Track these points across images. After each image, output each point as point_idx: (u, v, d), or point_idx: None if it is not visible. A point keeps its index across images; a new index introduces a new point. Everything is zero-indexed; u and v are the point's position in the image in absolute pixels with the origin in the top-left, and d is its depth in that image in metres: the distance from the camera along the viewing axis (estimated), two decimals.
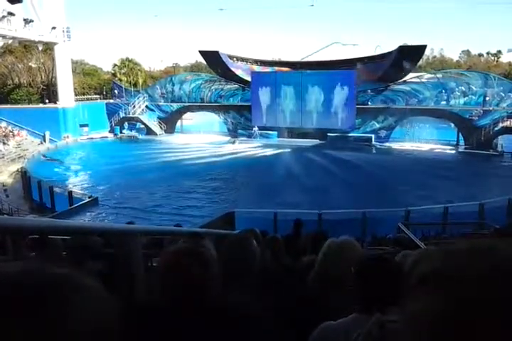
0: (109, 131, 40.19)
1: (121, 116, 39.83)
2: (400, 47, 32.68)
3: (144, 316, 1.35)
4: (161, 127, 40.25)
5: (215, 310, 1.36)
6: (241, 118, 38.05)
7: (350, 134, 34.18)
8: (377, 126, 34.32)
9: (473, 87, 31.86)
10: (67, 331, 0.53)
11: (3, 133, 32.63)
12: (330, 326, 1.65)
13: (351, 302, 1.69)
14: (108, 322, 0.58)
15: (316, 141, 33.81)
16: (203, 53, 37.42)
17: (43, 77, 46.82)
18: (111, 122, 40.34)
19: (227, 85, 38.16)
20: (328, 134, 33.90)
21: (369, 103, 34.47)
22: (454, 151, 31.72)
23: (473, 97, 32.00)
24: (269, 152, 32.30)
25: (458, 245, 0.49)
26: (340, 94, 34.16)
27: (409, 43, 33.87)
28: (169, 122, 40.30)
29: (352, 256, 1.96)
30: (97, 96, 45.22)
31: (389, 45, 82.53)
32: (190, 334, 1.30)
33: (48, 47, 40.66)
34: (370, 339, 1.33)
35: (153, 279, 1.51)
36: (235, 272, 1.86)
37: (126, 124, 39.84)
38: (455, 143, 33.36)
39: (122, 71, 54.94)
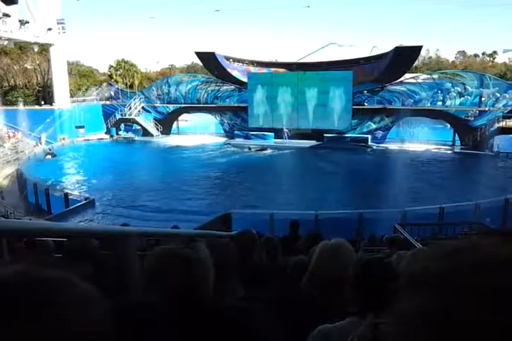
0: (106, 133, 40.09)
1: (118, 118, 39.74)
2: (396, 48, 32.77)
3: (136, 317, 1.35)
4: (157, 128, 40.19)
5: (202, 311, 1.36)
6: (237, 120, 38.04)
7: (346, 135, 34.20)
8: (374, 126, 34.38)
9: (469, 88, 31.94)
10: (61, 333, 0.53)
11: None
12: (327, 329, 1.66)
13: (345, 304, 1.69)
14: (101, 324, 0.59)
15: (313, 142, 33.82)
16: (199, 54, 37.41)
17: (39, 78, 46.79)
18: (107, 124, 40.23)
19: (224, 86, 38.14)
20: (325, 135, 33.92)
21: (365, 104, 34.51)
22: (450, 151, 31.79)
23: (469, 98, 32.08)
24: (267, 153, 32.40)
25: (446, 245, 0.49)
26: (336, 95, 34.18)
27: (405, 44, 33.95)
28: (165, 123, 40.24)
29: (343, 259, 1.96)
30: (93, 97, 45.14)
31: (385, 46, 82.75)
32: (175, 335, 1.30)
33: (44, 49, 40.60)
34: None
35: (143, 281, 1.51)
36: (222, 273, 1.85)
37: (122, 126, 39.74)
38: (451, 143, 33.46)
39: (118, 72, 54.96)
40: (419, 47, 32.64)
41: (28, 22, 34.36)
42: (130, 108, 39.69)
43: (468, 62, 66.95)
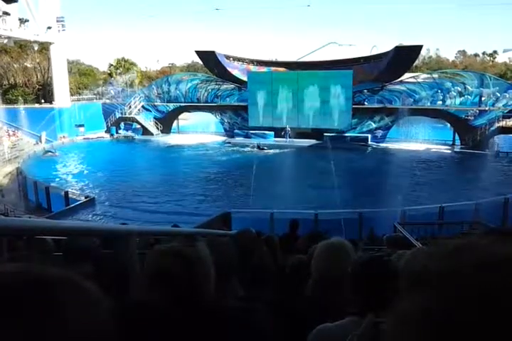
0: (105, 131, 40.07)
1: (118, 117, 39.73)
2: (396, 47, 32.76)
3: (138, 317, 1.35)
4: (157, 127, 40.18)
5: (205, 310, 1.36)
6: (237, 118, 38.03)
7: (346, 134, 34.22)
8: (374, 126, 34.37)
9: (469, 87, 31.93)
10: (64, 332, 0.53)
11: None
12: (328, 328, 1.66)
13: (346, 303, 1.69)
14: (104, 323, 0.58)
15: (313, 141, 33.80)
16: (199, 53, 37.39)
17: (39, 77, 46.74)
18: (107, 122, 40.22)
19: (224, 85, 38.14)
20: (325, 134, 33.90)
21: (365, 103, 34.51)
22: (450, 151, 31.79)
23: (469, 97, 32.08)
24: (269, 152, 32.33)
25: (446, 244, 0.49)
26: (336, 94, 34.18)
27: (405, 43, 33.93)
28: (165, 122, 40.23)
29: (345, 257, 1.96)
30: (93, 96, 45.12)
31: (385, 46, 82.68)
32: (177, 335, 1.30)
33: (44, 47, 40.55)
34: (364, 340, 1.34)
35: (144, 280, 1.52)
36: (222, 272, 1.86)
37: (122, 124, 39.74)
38: (451, 142, 33.47)
39: (118, 71, 54.90)
40: (420, 47, 32.62)
41: (27, 20, 34.32)
42: (130, 107, 39.68)
43: (469, 62, 66.92)
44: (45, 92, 44.23)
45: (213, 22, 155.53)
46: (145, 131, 39.42)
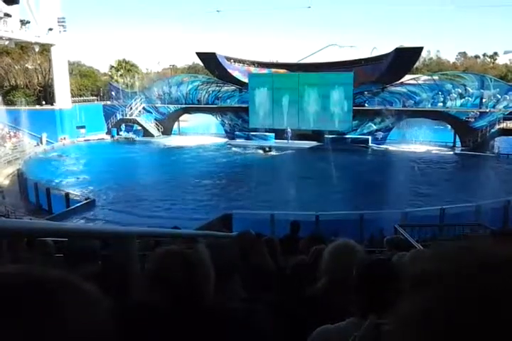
0: (106, 133, 40.10)
1: (118, 118, 39.75)
2: (397, 49, 32.78)
3: (138, 318, 1.35)
4: (158, 129, 40.19)
5: (205, 311, 1.36)
6: (238, 120, 38.04)
7: (347, 136, 34.20)
8: (374, 127, 34.36)
9: (470, 89, 31.93)
10: (63, 333, 0.53)
11: (0, 135, 32.56)
12: (328, 329, 1.65)
13: (350, 304, 1.69)
14: (103, 324, 0.59)
15: (314, 143, 33.80)
16: (200, 55, 37.41)
17: (40, 78, 46.73)
18: (108, 124, 40.24)
19: (225, 87, 38.15)
20: (325, 136, 33.88)
21: (366, 104, 34.51)
22: (450, 153, 31.79)
23: (470, 99, 32.06)
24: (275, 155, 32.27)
25: (447, 246, 0.50)
26: (337, 96, 34.19)
27: (406, 45, 33.95)
28: (166, 124, 40.24)
29: (353, 259, 1.96)
30: (94, 97, 45.13)
31: (386, 47, 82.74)
32: (177, 335, 1.30)
33: (45, 49, 40.62)
34: None
35: (145, 281, 1.52)
36: (223, 274, 1.85)
37: (123, 126, 39.74)
38: (452, 144, 33.44)
39: (119, 72, 54.96)
40: (420, 49, 32.66)
41: (29, 22, 34.39)
42: (131, 108, 39.71)
43: (469, 64, 66.88)
44: (46, 94, 44.23)
45: (214, 23, 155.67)
46: (146, 133, 39.43)
